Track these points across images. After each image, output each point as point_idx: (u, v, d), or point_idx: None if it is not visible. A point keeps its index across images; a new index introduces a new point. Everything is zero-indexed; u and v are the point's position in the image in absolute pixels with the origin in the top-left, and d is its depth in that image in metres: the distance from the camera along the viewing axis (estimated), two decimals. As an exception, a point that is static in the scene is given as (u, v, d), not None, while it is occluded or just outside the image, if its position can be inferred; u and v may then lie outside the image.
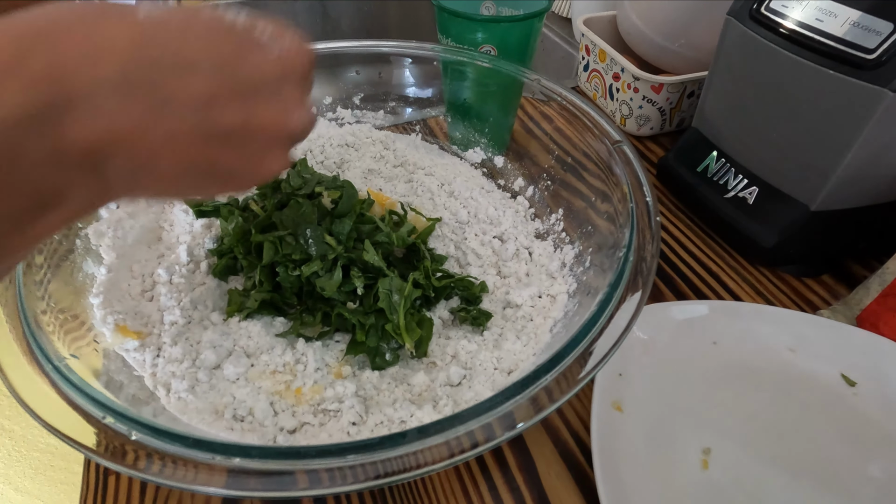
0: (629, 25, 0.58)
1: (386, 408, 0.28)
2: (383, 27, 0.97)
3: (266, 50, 0.19)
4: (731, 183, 0.44)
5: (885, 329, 0.36)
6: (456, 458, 0.20)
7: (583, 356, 0.24)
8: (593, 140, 0.37)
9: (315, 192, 0.35)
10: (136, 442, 0.20)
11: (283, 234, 0.33)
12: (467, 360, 0.32)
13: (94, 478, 0.31)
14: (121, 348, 0.29)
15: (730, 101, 0.44)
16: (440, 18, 0.46)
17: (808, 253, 0.42)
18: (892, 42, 0.32)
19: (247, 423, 0.27)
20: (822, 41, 0.35)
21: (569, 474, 0.31)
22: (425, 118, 0.52)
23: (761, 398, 0.34)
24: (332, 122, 0.49)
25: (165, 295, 0.32)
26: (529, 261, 0.39)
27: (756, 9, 0.39)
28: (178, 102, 0.17)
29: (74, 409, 0.21)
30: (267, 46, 0.19)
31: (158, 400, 0.27)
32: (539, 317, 0.34)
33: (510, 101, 0.46)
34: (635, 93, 0.55)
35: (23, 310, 0.25)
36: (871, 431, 0.32)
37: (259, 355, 0.31)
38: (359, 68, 0.49)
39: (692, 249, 0.46)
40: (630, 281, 0.27)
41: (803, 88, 0.37)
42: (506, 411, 0.21)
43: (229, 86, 0.18)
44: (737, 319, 0.37)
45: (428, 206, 0.42)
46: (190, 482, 0.19)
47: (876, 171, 0.37)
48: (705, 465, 0.31)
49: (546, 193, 0.43)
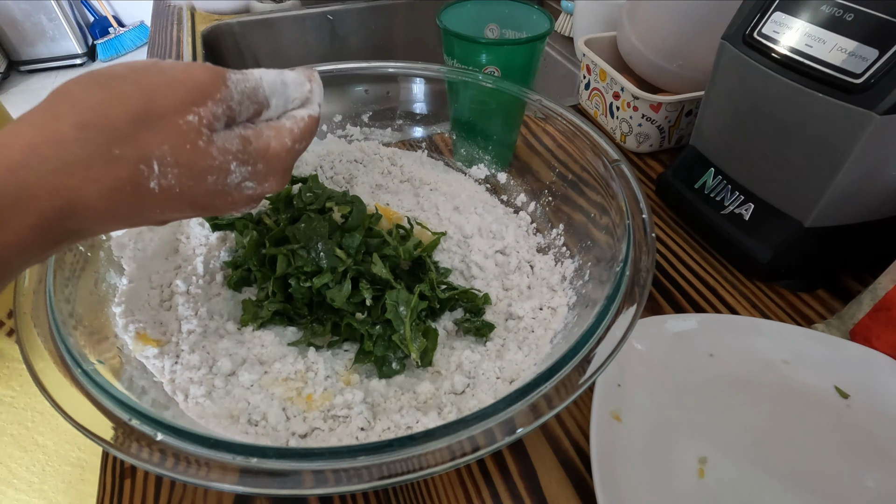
0: (629, 46, 0.60)
1: (393, 414, 0.29)
2: (390, 45, 1.00)
3: (242, 192, 0.25)
4: (727, 199, 0.46)
5: (877, 343, 0.37)
6: (458, 460, 0.21)
7: (580, 365, 0.25)
8: (593, 158, 0.38)
9: (326, 208, 0.37)
10: (160, 442, 0.21)
11: (295, 248, 0.34)
12: (471, 370, 0.33)
13: (111, 480, 0.33)
14: (141, 355, 0.31)
15: (725, 120, 0.45)
16: (446, 41, 0.48)
17: (802, 268, 0.43)
18: (877, 67, 0.33)
19: (260, 428, 0.28)
20: (812, 66, 0.36)
21: (569, 482, 0.32)
22: (431, 135, 0.54)
23: (756, 409, 0.35)
24: (341, 138, 0.51)
25: (183, 305, 0.34)
26: (531, 274, 0.40)
27: (749, 34, 0.41)
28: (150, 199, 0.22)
29: (101, 411, 0.23)
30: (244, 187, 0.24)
31: (177, 405, 0.29)
32: (540, 328, 0.35)
33: (513, 119, 0.48)
34: (635, 111, 0.56)
35: (53, 316, 0.26)
36: (864, 443, 0.33)
37: (272, 363, 0.32)
38: (367, 87, 0.51)
39: (690, 264, 0.47)
40: (627, 293, 0.28)
41: (795, 110, 0.38)
42: (506, 417, 0.23)
43: (200, 205, 0.24)
44: (733, 332, 0.38)
45: (433, 221, 0.44)
46: (203, 478, 0.21)
47: (866, 190, 0.38)
48: (701, 473, 0.32)
49: (547, 209, 0.44)
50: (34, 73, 2.53)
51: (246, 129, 0.24)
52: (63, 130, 0.19)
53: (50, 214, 0.19)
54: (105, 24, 2.66)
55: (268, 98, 0.25)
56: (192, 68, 0.22)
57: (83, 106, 0.20)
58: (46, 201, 0.19)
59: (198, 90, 0.22)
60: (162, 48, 0.84)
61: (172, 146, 0.21)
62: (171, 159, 0.21)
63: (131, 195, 0.21)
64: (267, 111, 0.25)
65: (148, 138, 0.20)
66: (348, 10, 0.94)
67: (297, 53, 0.94)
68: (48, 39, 2.47)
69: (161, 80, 0.21)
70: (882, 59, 0.33)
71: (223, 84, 0.22)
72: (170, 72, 0.21)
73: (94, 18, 2.67)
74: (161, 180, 0.21)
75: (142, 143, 0.20)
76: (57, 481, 0.47)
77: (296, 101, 0.27)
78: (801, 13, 0.38)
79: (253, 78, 0.24)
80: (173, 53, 0.82)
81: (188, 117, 0.21)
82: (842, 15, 0.35)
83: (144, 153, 0.20)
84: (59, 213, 0.19)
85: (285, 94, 0.26)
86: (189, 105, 0.21)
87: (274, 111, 0.26)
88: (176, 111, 0.21)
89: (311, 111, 0.27)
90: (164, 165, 0.21)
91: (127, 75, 0.21)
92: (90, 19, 2.68)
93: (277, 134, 0.25)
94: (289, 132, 0.25)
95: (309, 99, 0.28)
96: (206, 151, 0.22)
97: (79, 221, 0.20)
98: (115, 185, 0.20)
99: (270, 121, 0.26)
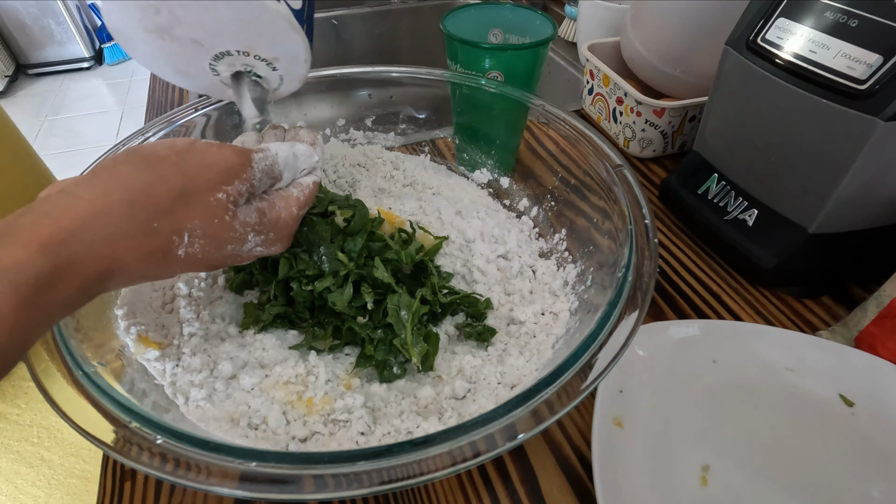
0: (632, 51, 0.60)
1: (393, 419, 0.29)
2: (394, 50, 1.00)
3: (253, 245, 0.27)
4: (731, 205, 0.46)
5: (882, 350, 0.36)
6: (458, 466, 0.21)
7: (582, 371, 0.25)
8: (595, 163, 0.38)
9: (328, 211, 0.37)
10: (160, 445, 0.21)
11: (297, 251, 0.34)
12: (472, 375, 0.33)
13: (111, 483, 0.33)
14: (143, 358, 0.31)
15: (729, 125, 0.45)
16: (449, 46, 0.49)
17: (807, 274, 0.43)
18: (882, 74, 0.33)
19: (261, 432, 0.28)
20: (816, 72, 0.36)
21: (570, 488, 0.32)
22: (434, 140, 0.54)
23: (760, 417, 0.35)
24: (344, 142, 0.51)
25: (185, 308, 0.34)
26: (533, 279, 0.40)
27: (752, 39, 0.41)
28: None
29: (102, 414, 0.23)
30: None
31: (178, 407, 0.29)
32: (542, 333, 0.35)
33: (516, 124, 0.48)
34: (638, 116, 0.56)
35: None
36: (869, 451, 0.33)
37: (273, 367, 0.32)
38: (371, 91, 0.51)
39: (694, 270, 0.47)
40: (629, 299, 0.28)
41: (798, 116, 0.38)
42: (508, 423, 0.22)
43: (214, 266, 0.27)
44: (736, 339, 0.38)
45: (436, 225, 0.44)
46: (203, 482, 0.21)
47: (871, 196, 0.38)
48: (704, 481, 0.32)
49: (550, 214, 0.44)
50: (42, 77, 2.55)
51: (261, 201, 0.27)
52: (111, 206, 0.22)
53: (92, 278, 0.22)
54: (112, 28, 2.69)
55: (281, 172, 0.29)
56: (225, 150, 0.26)
57: (131, 185, 0.23)
58: (91, 267, 0.21)
59: (228, 171, 0.25)
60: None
61: (203, 220, 0.24)
62: (200, 231, 0.24)
63: (161, 260, 0.24)
64: (279, 182, 0.29)
65: (183, 213, 0.23)
66: (353, 15, 0.94)
67: (302, 57, 0.95)
68: (56, 43, 2.49)
69: (197, 162, 0.24)
70: (886, 66, 0.33)
71: (249, 165, 0.26)
72: (205, 154, 0.25)
73: (101, 22, 2.69)
74: (188, 248, 0.24)
75: (178, 217, 0.23)
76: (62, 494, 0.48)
77: (304, 171, 0.31)
78: (804, 19, 0.38)
79: (270, 156, 0.28)
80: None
81: (218, 195, 0.24)
82: (846, 21, 0.35)
83: (179, 226, 0.24)
84: (99, 276, 0.22)
85: (295, 167, 0.30)
86: (219, 184, 0.24)
87: (284, 182, 0.30)
88: (209, 189, 0.24)
89: (314, 178, 0.31)
90: (193, 237, 0.24)
91: (169, 157, 0.24)
92: (98, 23, 2.70)
93: (287, 204, 0.29)
94: (296, 201, 0.29)
95: (314, 167, 0.32)
96: (231, 225, 0.25)
97: (111, 282, 0.23)
98: (150, 252, 0.23)
99: (280, 189, 0.29)
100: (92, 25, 2.68)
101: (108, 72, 2.63)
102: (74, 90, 2.47)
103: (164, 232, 0.23)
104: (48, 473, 0.47)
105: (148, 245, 0.23)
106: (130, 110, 2.31)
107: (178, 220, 0.23)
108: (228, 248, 0.26)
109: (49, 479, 0.47)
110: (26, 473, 0.46)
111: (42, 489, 0.47)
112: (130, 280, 0.24)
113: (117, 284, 0.23)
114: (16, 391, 0.45)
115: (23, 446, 0.46)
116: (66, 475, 0.48)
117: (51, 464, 0.47)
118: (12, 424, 0.45)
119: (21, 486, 0.46)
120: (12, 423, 0.45)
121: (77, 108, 2.34)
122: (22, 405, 0.46)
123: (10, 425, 0.45)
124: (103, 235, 0.22)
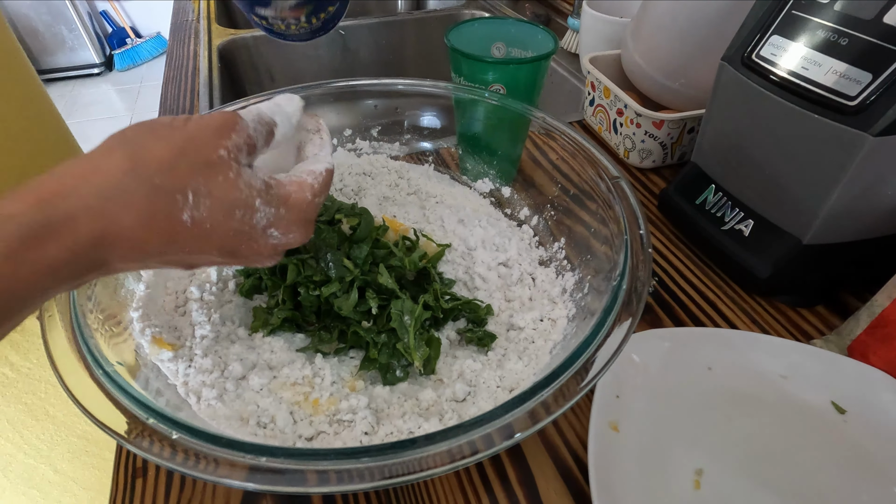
0: (632, 64, 0.61)
1: (396, 420, 0.30)
2: (400, 60, 1.02)
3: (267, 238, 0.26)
4: (727, 216, 0.47)
5: (874, 359, 0.37)
6: (457, 462, 0.22)
7: (578, 374, 0.26)
8: (593, 174, 0.40)
9: (335, 219, 0.38)
10: (176, 441, 0.23)
11: (305, 257, 0.36)
12: (472, 378, 0.34)
13: (124, 479, 0.34)
14: (157, 358, 0.32)
15: (726, 138, 0.46)
16: (453, 59, 0.50)
17: (801, 284, 0.44)
18: (871, 90, 0.34)
19: (269, 430, 0.29)
20: (809, 88, 0.38)
21: (566, 490, 0.33)
22: (438, 149, 0.55)
23: (753, 423, 0.36)
24: (350, 152, 0.53)
25: (197, 311, 0.35)
26: (533, 286, 0.41)
27: (748, 55, 0.42)
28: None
29: (120, 410, 0.24)
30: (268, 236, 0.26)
31: (190, 406, 0.30)
32: (540, 339, 0.36)
33: (517, 136, 0.49)
34: (638, 128, 0.57)
35: (76, 318, 0.28)
36: (860, 458, 0.34)
37: (281, 368, 0.33)
38: (377, 102, 0.53)
39: (690, 278, 0.48)
40: (624, 304, 0.29)
41: (792, 130, 0.39)
42: (505, 423, 0.23)
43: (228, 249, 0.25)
44: (731, 347, 0.39)
45: (439, 233, 0.45)
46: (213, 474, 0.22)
47: (862, 209, 0.39)
48: (697, 485, 0.32)
49: (550, 222, 0.46)
50: (53, 82, 2.60)
51: (269, 178, 0.27)
52: (113, 163, 0.22)
53: (85, 239, 0.21)
54: (122, 35, 2.74)
55: (272, 119, 0.28)
56: (214, 114, 0.26)
57: (133, 144, 0.23)
58: (85, 225, 0.21)
59: (223, 126, 0.25)
60: (179, 61, 0.87)
61: (206, 178, 0.23)
62: (205, 189, 0.23)
63: (164, 225, 0.22)
64: (277, 129, 0.28)
65: (185, 170, 0.23)
66: (360, 26, 0.96)
67: (310, 67, 0.97)
68: (68, 49, 2.54)
69: (195, 125, 0.25)
70: (875, 83, 0.34)
71: (238, 118, 0.26)
72: (200, 120, 0.25)
73: (112, 29, 2.74)
74: (194, 211, 0.23)
75: (180, 174, 0.23)
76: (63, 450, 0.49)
77: (294, 115, 0.30)
78: (797, 37, 0.39)
79: (253, 108, 0.28)
80: (190, 66, 0.85)
81: (219, 151, 0.24)
82: (836, 39, 0.36)
83: (181, 184, 0.23)
84: (93, 240, 0.21)
85: (284, 112, 0.29)
86: (218, 139, 0.24)
87: (282, 129, 0.29)
88: (208, 146, 0.24)
89: (327, 165, 0.30)
90: (197, 195, 0.23)
91: (172, 123, 0.24)
92: (108, 30, 2.75)
93: (299, 188, 0.27)
94: (309, 187, 0.28)
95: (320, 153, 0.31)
96: (235, 183, 0.24)
97: (108, 251, 0.22)
98: (151, 213, 0.22)
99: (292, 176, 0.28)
100: (103, 32, 2.73)
101: (117, 78, 2.67)
102: (84, 95, 2.52)
103: (165, 189, 0.22)
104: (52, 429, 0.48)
105: (148, 205, 0.22)
106: (140, 116, 2.34)
107: (181, 176, 0.22)
108: (237, 216, 0.24)
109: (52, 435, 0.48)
110: (32, 425, 0.47)
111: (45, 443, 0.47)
112: (130, 252, 0.22)
113: (114, 256, 0.22)
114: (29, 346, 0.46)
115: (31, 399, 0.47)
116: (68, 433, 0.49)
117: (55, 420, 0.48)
118: (23, 377, 0.46)
119: (26, 437, 0.47)
120: (23, 376, 0.46)
121: (87, 113, 2.38)
122: (34, 360, 0.46)
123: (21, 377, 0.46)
124: (99, 190, 0.21)
